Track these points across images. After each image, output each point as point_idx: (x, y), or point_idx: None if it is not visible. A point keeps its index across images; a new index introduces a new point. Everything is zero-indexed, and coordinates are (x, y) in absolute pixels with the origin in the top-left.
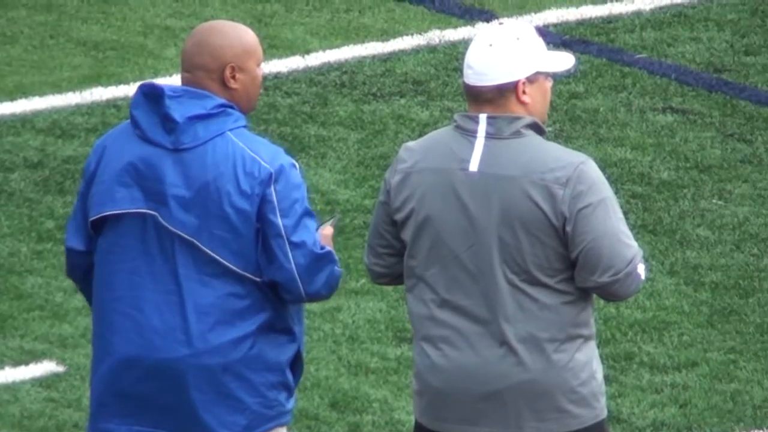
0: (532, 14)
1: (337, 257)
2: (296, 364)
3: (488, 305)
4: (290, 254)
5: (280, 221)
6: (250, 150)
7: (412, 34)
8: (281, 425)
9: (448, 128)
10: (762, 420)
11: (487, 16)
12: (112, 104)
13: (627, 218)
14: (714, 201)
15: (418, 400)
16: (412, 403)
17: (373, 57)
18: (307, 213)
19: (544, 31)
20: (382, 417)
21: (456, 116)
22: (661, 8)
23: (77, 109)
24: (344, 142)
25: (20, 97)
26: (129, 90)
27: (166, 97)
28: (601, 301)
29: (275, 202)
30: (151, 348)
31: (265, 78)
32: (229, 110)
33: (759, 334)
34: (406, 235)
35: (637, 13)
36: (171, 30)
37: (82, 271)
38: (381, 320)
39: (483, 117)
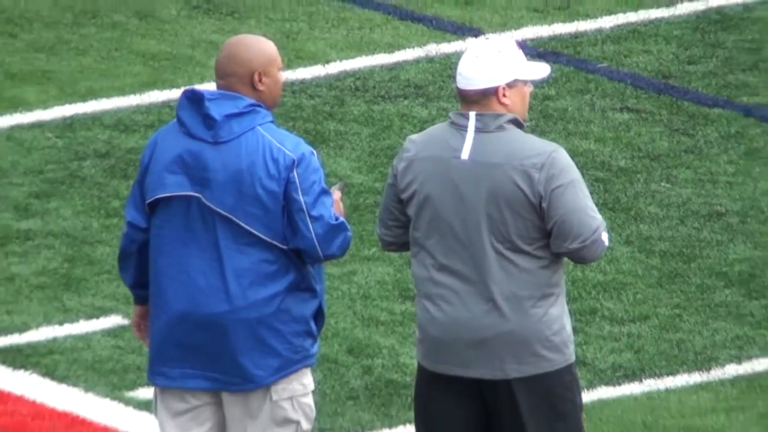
0: (513, 30)
1: (348, 225)
2: (319, 316)
3: (477, 269)
4: (310, 226)
5: (301, 199)
6: (276, 141)
7: (413, 47)
8: (306, 366)
9: (444, 124)
10: (702, 363)
11: (476, 32)
12: (166, 105)
13: (591, 198)
14: (662, 184)
15: (419, 347)
16: (414, 350)
17: (382, 66)
18: (324, 192)
19: (522, 45)
20: (389, 361)
21: (450, 114)
22: (618, 26)
23: (137, 109)
24: (358, 135)
25: (91, 99)
26: (180, 93)
27: (206, 100)
28: (570, 265)
29: (298, 183)
30: (198, 305)
31: (291, 83)
32: (258, 108)
33: (699, 292)
34: (411, 210)
35: (599, 30)
36: (214, 43)
37: (138, 244)
38: (389, 282)
39: (472, 114)
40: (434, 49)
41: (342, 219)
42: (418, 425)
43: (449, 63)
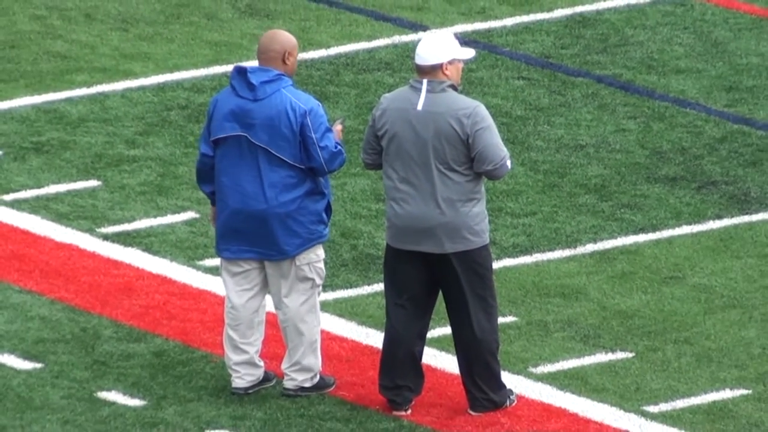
0: (448, 27)
1: (344, 150)
2: (328, 209)
3: (426, 181)
4: (319, 152)
5: (313, 135)
6: (294, 98)
7: (384, 38)
8: (319, 243)
9: (406, 87)
10: (570, 243)
11: (425, 28)
12: (224, 75)
13: (499, 137)
14: (545, 127)
15: (388, 232)
16: (384, 234)
17: (363, 50)
18: (328, 129)
19: (456, 36)
20: (368, 241)
21: (410, 81)
22: (516, 24)
23: (206, 78)
24: (348, 95)
25: (176, 71)
26: (231, 68)
27: (248, 72)
28: (486, 180)
29: (309, 125)
30: (247, 204)
31: (305, 61)
32: (282, 77)
33: (569, 197)
34: (383, 142)
35: (504, 27)
36: (255, 35)
37: (208, 167)
38: (368, 190)
39: (425, 81)
40: (398, 39)
41: (340, 147)
42: (387, 284)
43: (407, 48)
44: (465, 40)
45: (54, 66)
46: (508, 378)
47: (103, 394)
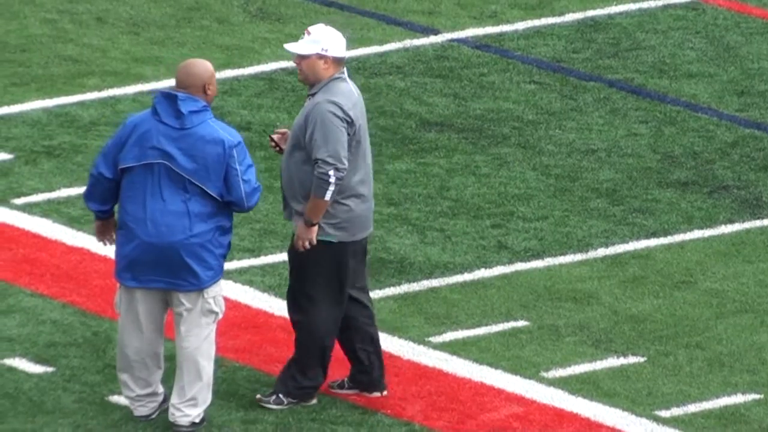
0: (459, 31)
1: (261, 189)
2: (229, 245)
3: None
4: (241, 185)
5: (238, 167)
6: (222, 130)
7: (395, 42)
8: (222, 276)
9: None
10: (582, 247)
11: (436, 32)
12: (236, 79)
13: None
14: (556, 131)
15: (349, 229)
16: (339, 233)
17: (374, 53)
18: (251, 165)
19: (464, 41)
20: (379, 245)
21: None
22: (528, 28)
23: (218, 81)
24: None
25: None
26: (243, 72)
27: (179, 99)
28: (497, 183)
29: (235, 157)
30: (161, 236)
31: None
32: (207, 108)
33: (580, 201)
34: (354, 141)
35: (515, 31)
36: (267, 39)
37: (102, 188)
38: (380, 194)
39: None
40: (409, 43)
41: (259, 184)
42: (340, 280)
43: (419, 52)
44: (476, 44)
45: (65, 70)
46: (519, 382)
47: (115, 398)
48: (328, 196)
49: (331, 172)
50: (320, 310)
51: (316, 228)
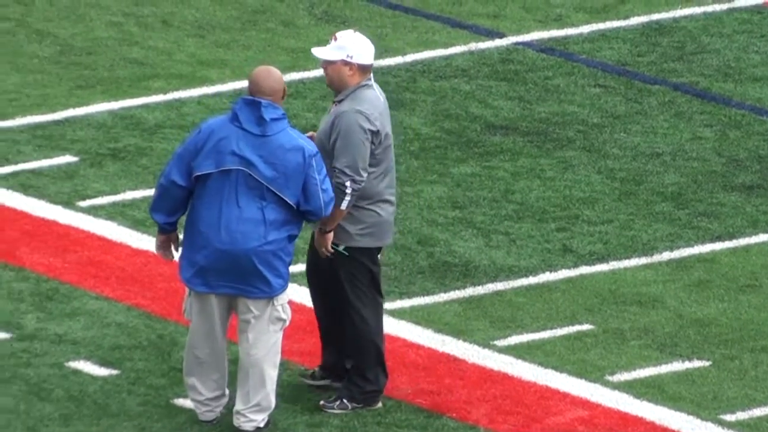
0: (524, 35)
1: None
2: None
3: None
4: (320, 195)
5: (317, 176)
6: (301, 139)
7: (460, 45)
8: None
9: (377, 89)
10: (647, 251)
11: (501, 35)
12: (301, 82)
13: None
14: (621, 134)
15: (377, 234)
16: (369, 239)
17: (439, 57)
18: (326, 174)
19: (530, 44)
20: (444, 248)
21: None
22: (593, 31)
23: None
24: (424, 102)
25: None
26: (308, 75)
27: (262, 106)
28: (561, 186)
29: (314, 167)
30: (235, 243)
31: (381, 68)
32: (286, 116)
33: (645, 205)
34: (380, 147)
35: (580, 34)
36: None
37: (175, 197)
38: (444, 197)
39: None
40: (474, 46)
41: (333, 194)
42: (375, 287)
43: (484, 55)
44: (541, 47)
45: (131, 72)
46: (584, 386)
47: (180, 401)
48: (344, 206)
49: (348, 183)
50: (365, 314)
51: (330, 235)
